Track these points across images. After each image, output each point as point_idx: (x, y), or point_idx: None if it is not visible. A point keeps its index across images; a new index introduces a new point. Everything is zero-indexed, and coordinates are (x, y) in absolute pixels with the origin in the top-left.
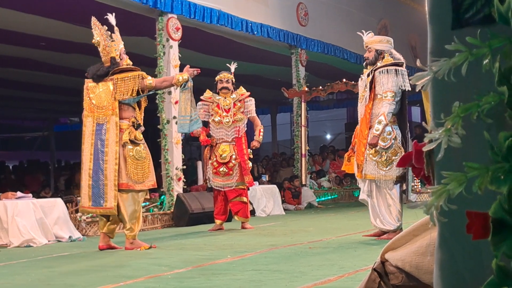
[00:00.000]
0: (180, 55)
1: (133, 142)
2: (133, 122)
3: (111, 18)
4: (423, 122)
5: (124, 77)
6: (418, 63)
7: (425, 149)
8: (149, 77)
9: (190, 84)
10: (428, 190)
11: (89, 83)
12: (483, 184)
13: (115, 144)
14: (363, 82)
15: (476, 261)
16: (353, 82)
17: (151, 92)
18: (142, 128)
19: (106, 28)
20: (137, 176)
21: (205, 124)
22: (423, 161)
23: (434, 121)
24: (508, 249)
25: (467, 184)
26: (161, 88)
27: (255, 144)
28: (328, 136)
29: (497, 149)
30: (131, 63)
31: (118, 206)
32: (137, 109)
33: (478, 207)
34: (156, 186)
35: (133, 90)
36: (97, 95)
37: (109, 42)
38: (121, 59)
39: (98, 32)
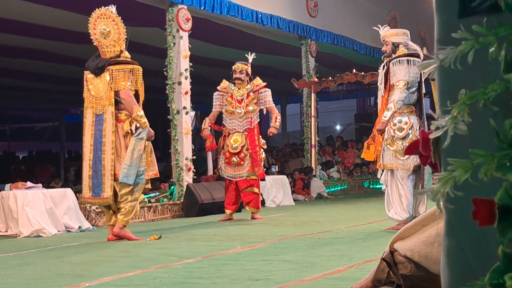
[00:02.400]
0: (190, 46)
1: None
2: None
3: (113, 10)
4: (430, 110)
5: (119, 68)
6: (424, 51)
7: (432, 136)
8: (128, 83)
9: (145, 135)
10: (435, 177)
11: (88, 75)
12: (489, 171)
13: (111, 134)
14: (380, 75)
15: (483, 248)
16: (362, 73)
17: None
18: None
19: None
20: None
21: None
22: (430, 149)
23: (441, 109)
24: None
25: (473, 171)
26: (121, 98)
27: (272, 130)
28: (338, 127)
29: (503, 137)
30: (129, 56)
31: (116, 195)
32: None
33: (485, 195)
34: (158, 176)
35: (118, 83)
36: (95, 86)
37: (123, 35)
38: (122, 52)
39: (112, 24)
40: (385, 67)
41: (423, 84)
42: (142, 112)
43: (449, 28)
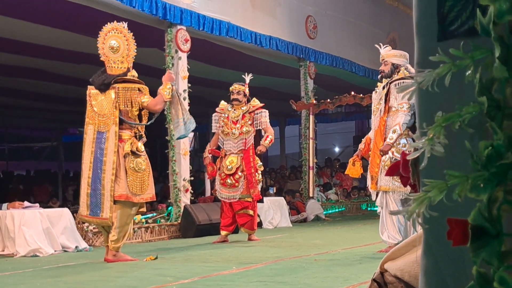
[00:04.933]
0: (188, 67)
1: (134, 153)
2: (135, 133)
3: (125, 26)
4: (410, 132)
5: (126, 87)
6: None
7: (409, 157)
8: (146, 96)
9: (173, 88)
10: (411, 197)
11: (91, 90)
12: (463, 192)
13: (113, 154)
14: (377, 95)
15: (459, 268)
16: (361, 95)
17: (151, 121)
18: (144, 139)
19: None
20: (135, 188)
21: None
22: (409, 170)
23: (419, 131)
24: (487, 256)
25: (448, 191)
26: (154, 111)
27: (260, 148)
28: (337, 149)
29: (476, 158)
30: (136, 74)
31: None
32: (137, 120)
33: (463, 215)
34: (155, 199)
35: (133, 102)
36: (99, 102)
37: (133, 52)
38: (129, 70)
39: (123, 39)
40: (385, 88)
41: None
42: (165, 87)
43: (428, 51)
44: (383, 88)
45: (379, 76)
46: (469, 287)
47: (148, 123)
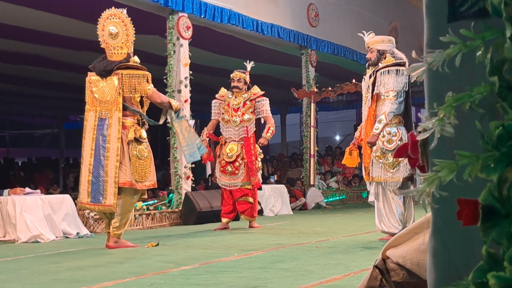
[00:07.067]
0: (190, 54)
1: (137, 140)
2: (138, 120)
3: (123, 11)
4: (419, 113)
5: (130, 73)
6: (413, 54)
7: (419, 138)
8: (151, 85)
9: (183, 112)
10: (421, 177)
11: (91, 76)
12: (474, 172)
13: (116, 141)
14: (365, 83)
15: (468, 249)
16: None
17: (151, 122)
18: (147, 126)
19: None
20: (138, 175)
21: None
22: (418, 151)
23: (428, 111)
24: (497, 236)
25: (458, 172)
26: (154, 102)
27: (262, 141)
28: (338, 137)
29: (487, 138)
30: (138, 61)
31: None
32: (139, 106)
33: (472, 196)
34: (156, 186)
35: (136, 89)
36: (100, 89)
37: (132, 37)
38: (129, 55)
39: (121, 25)
40: (372, 77)
41: (410, 94)
42: (174, 100)
43: (438, 32)
44: (370, 76)
45: (367, 64)
46: (478, 267)
47: (152, 122)
